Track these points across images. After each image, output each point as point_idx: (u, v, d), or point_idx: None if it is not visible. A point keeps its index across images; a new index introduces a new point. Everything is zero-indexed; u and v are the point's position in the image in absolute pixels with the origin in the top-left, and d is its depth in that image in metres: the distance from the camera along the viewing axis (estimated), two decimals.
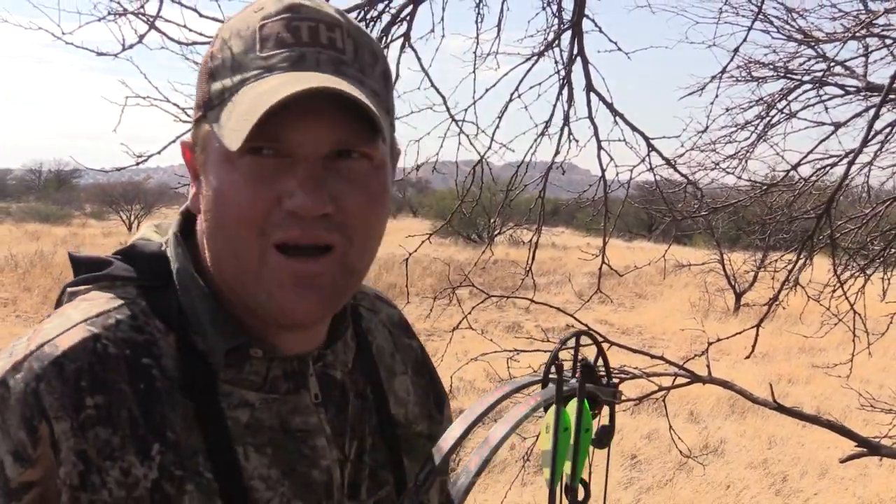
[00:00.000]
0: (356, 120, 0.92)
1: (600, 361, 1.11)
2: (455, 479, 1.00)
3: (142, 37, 2.97)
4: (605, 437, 1.08)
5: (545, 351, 3.95)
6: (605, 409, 1.11)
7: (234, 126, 0.89)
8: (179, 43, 3.01)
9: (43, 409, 0.88)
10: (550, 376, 1.05)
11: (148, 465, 0.91)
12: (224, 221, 0.94)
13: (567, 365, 1.09)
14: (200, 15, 3.01)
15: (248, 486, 0.96)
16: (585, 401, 1.05)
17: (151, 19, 2.95)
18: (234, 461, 0.96)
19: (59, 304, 1.03)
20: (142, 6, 2.99)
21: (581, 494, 1.06)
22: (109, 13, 2.97)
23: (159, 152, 3.09)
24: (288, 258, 0.93)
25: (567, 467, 1.04)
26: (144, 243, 1.05)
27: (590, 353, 1.12)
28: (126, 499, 0.90)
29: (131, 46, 2.98)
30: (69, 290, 1.02)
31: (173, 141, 2.98)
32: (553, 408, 1.02)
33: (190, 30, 2.99)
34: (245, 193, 0.91)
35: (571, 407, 1.04)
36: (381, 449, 1.11)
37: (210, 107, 0.95)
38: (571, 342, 1.09)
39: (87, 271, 1.02)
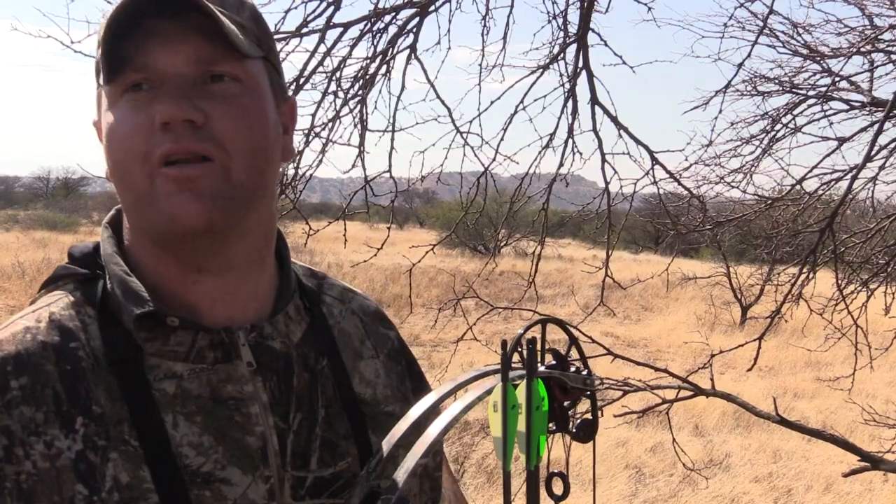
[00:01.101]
0: (220, 43, 0.99)
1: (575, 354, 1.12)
2: (403, 461, 1.01)
3: None
4: (587, 431, 1.08)
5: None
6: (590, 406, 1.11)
7: (101, 63, 0.98)
8: None
9: None
10: (514, 364, 1.04)
11: (72, 437, 0.96)
12: (117, 158, 1.01)
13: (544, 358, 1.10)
14: None
15: (178, 453, 0.99)
16: (540, 381, 1.04)
17: None
18: (160, 429, 0.99)
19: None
20: None
21: (560, 489, 1.06)
22: None
23: None
24: (167, 167, 0.98)
25: (518, 449, 1.03)
26: (81, 244, 1.13)
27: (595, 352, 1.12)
28: (50, 468, 0.95)
29: None
30: (36, 296, 1.11)
31: None
32: (499, 385, 1.02)
33: None
34: (126, 125, 0.99)
35: (522, 386, 1.03)
36: (342, 422, 1.13)
37: (97, 71, 1.03)
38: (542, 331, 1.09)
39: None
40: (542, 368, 1.08)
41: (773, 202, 5.05)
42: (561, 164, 3.79)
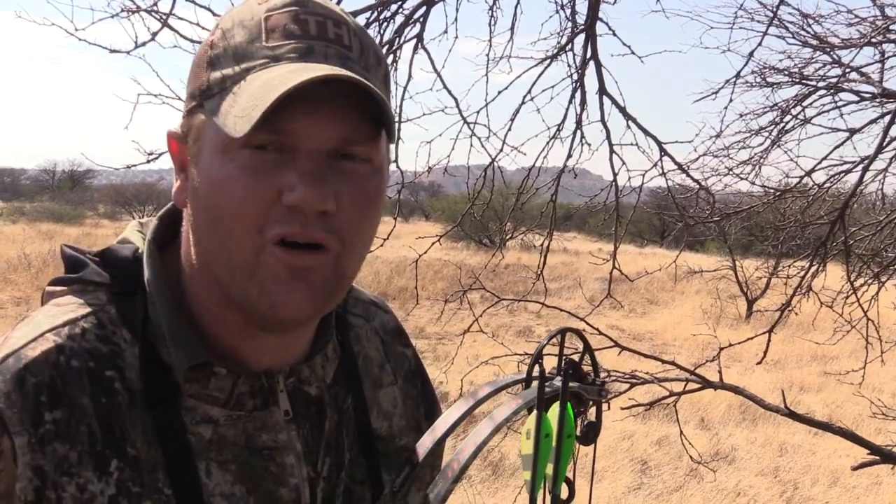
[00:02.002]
0: (363, 116, 0.90)
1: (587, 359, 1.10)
2: (433, 485, 0.98)
3: (154, 34, 2.96)
4: (590, 434, 1.06)
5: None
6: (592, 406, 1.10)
7: (241, 112, 0.86)
8: (192, 41, 3.01)
9: (4, 424, 0.87)
10: (534, 375, 1.03)
11: (105, 480, 0.90)
12: (218, 214, 0.90)
13: (553, 362, 1.08)
14: (213, 13, 3.01)
15: (209, 503, 0.95)
16: (569, 404, 1.02)
17: (164, 17, 2.95)
18: (194, 477, 0.94)
19: (43, 302, 1.02)
20: (155, 3, 2.98)
21: (565, 493, 1.04)
22: (122, 10, 2.97)
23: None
24: (283, 250, 0.90)
25: (549, 469, 1.02)
26: (119, 247, 1.03)
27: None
28: None
29: (144, 44, 2.97)
30: (47, 289, 1.01)
31: None
32: (534, 413, 1.00)
33: (203, 28, 2.99)
34: (242, 186, 0.88)
35: (554, 411, 1.02)
36: (360, 464, 1.09)
37: (208, 95, 0.92)
38: (557, 339, 1.08)
39: (72, 269, 1.01)
40: (558, 382, 1.06)
41: (782, 194, 5.02)
42: (569, 156, 3.76)
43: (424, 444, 1.02)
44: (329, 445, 1.06)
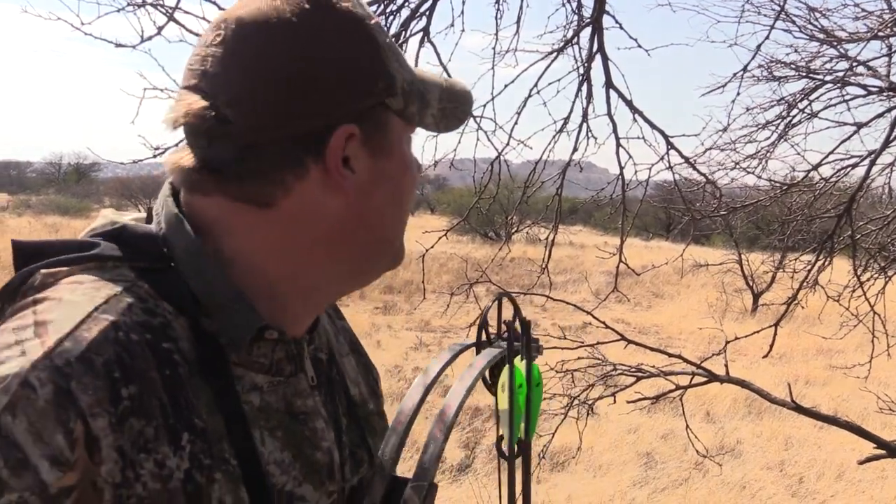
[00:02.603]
0: None
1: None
2: (424, 449, 1.00)
3: (160, 28, 2.96)
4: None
5: (561, 348, 3.96)
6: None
7: (438, 114, 1.06)
8: (198, 35, 3.01)
9: (79, 409, 0.82)
10: (485, 341, 1.17)
11: (179, 455, 0.88)
12: (406, 190, 1.06)
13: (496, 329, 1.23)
14: (219, 7, 3.00)
15: (266, 471, 0.95)
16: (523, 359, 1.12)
17: (170, 11, 2.95)
18: (252, 446, 0.95)
19: (19, 287, 0.95)
20: None
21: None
22: (128, 4, 2.97)
23: (176, 145, 3.09)
24: None
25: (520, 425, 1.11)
26: (135, 224, 1.01)
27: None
28: (161, 491, 0.86)
29: (150, 38, 2.97)
30: (44, 271, 0.94)
31: None
32: (506, 368, 1.10)
33: (209, 22, 2.99)
34: (414, 163, 1.07)
35: (521, 365, 1.12)
36: (353, 428, 1.13)
37: (392, 94, 1.00)
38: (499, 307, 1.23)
39: (52, 255, 0.96)
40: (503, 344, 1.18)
41: (788, 188, 5.02)
42: (575, 149, 3.77)
43: (405, 413, 1.05)
44: (331, 412, 1.10)
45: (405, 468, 0.97)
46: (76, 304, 0.90)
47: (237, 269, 0.98)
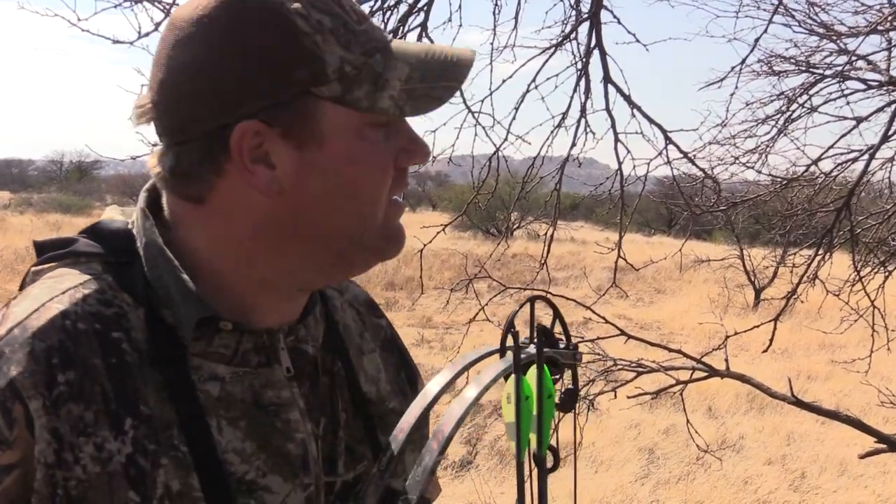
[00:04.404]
0: None
1: (558, 327, 1.10)
2: (420, 459, 0.99)
3: (158, 24, 2.97)
4: (569, 401, 1.07)
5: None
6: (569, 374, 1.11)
7: (400, 96, 0.98)
8: None
9: (15, 390, 0.87)
10: (508, 345, 1.04)
11: (121, 439, 0.91)
12: (358, 189, 0.99)
13: (526, 333, 1.09)
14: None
15: (223, 460, 0.96)
16: (546, 366, 1.04)
17: (167, 7, 2.95)
18: (207, 434, 0.96)
19: (23, 286, 1.03)
20: None
21: (550, 462, 1.04)
22: (126, 0, 2.97)
23: None
24: (394, 204, 1.04)
25: (532, 436, 1.04)
26: (109, 221, 1.06)
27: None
28: (101, 474, 0.89)
29: (147, 34, 2.98)
30: (33, 269, 1.02)
31: None
32: (513, 377, 1.02)
33: None
34: (381, 159, 1.00)
35: (531, 374, 1.04)
36: (357, 424, 1.13)
37: (323, 82, 0.96)
38: (528, 308, 1.09)
39: (49, 252, 1.03)
40: (533, 349, 1.08)
41: (788, 183, 5.01)
42: (573, 144, 3.76)
43: (408, 422, 1.02)
44: (324, 404, 1.09)
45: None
46: (37, 297, 0.95)
47: (191, 262, 1.01)
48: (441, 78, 1.01)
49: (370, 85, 0.97)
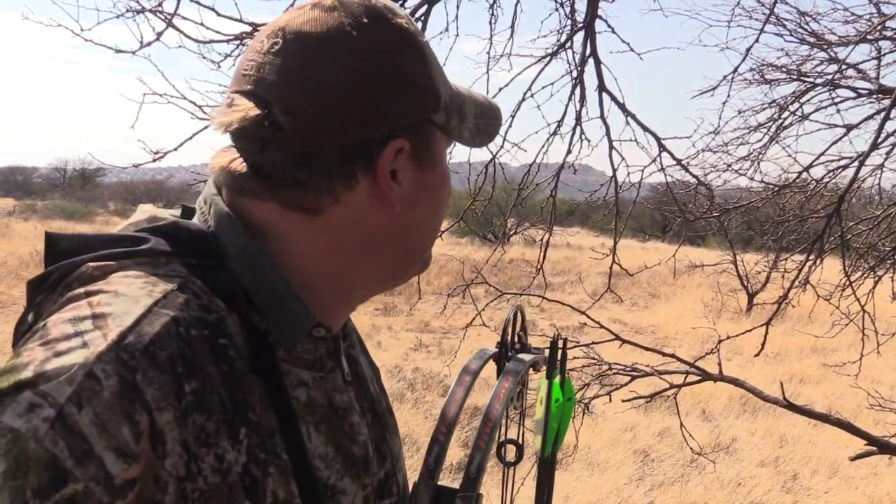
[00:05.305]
0: None
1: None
2: (471, 459, 1.03)
3: (159, 34, 3.00)
4: (518, 454, 1.22)
5: (559, 349, 4.00)
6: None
7: (475, 129, 1.10)
8: (197, 41, 3.06)
9: (145, 402, 0.83)
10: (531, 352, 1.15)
11: (238, 449, 0.89)
12: (444, 201, 1.09)
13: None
14: (218, 14, 3.05)
15: (312, 465, 0.97)
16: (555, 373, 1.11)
17: (169, 17, 2.99)
18: (301, 440, 0.96)
19: (61, 279, 0.94)
20: (159, 4, 3.02)
21: (513, 457, 1.13)
22: (127, 10, 3.02)
23: (176, 149, 3.12)
24: None
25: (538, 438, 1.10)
26: (186, 221, 1.02)
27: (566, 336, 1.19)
28: (221, 484, 0.88)
29: (149, 44, 3.01)
30: (93, 265, 0.94)
31: (190, 138, 3.03)
32: (545, 382, 1.09)
33: (207, 28, 3.04)
34: (449, 175, 1.09)
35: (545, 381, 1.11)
36: (376, 425, 1.15)
37: (436, 109, 1.03)
38: (518, 318, 1.23)
39: (99, 250, 0.96)
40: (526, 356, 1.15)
41: (780, 189, 5.08)
42: (569, 151, 3.82)
43: (445, 423, 1.09)
44: (363, 406, 1.12)
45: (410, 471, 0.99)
46: (134, 299, 0.89)
47: (284, 270, 1.00)
48: (489, 116, 1.12)
49: (458, 116, 1.06)
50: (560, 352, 1.13)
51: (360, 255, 1.03)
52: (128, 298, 0.90)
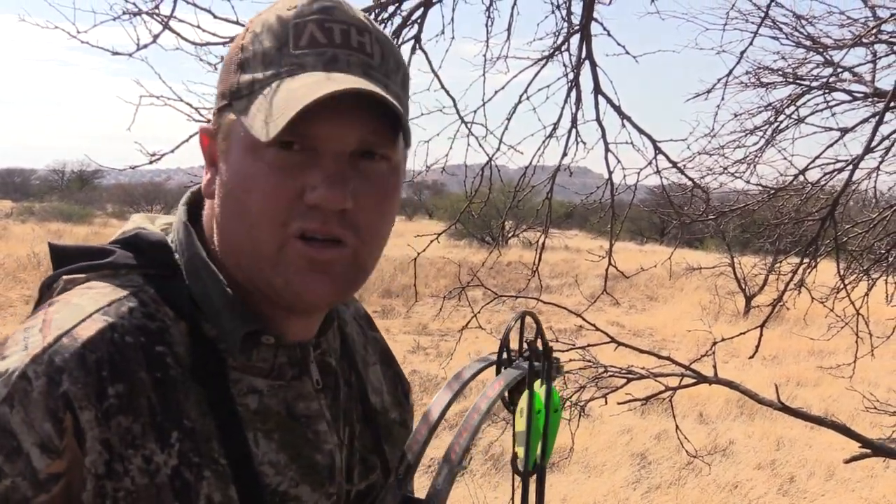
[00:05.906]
0: (380, 120, 0.97)
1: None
2: (439, 471, 1.01)
3: (156, 37, 3.01)
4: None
5: (556, 350, 4.00)
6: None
7: (267, 118, 0.93)
8: (193, 44, 3.06)
9: (68, 400, 0.88)
10: (514, 359, 1.12)
11: (168, 452, 0.93)
12: (246, 208, 0.96)
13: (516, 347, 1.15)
14: (214, 16, 3.06)
15: (258, 472, 0.99)
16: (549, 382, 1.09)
17: (165, 19, 3.00)
18: (245, 447, 0.98)
19: (45, 292, 1.03)
20: (156, 6, 3.03)
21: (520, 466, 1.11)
22: (124, 13, 3.02)
23: (172, 151, 3.14)
24: (305, 244, 0.96)
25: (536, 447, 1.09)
26: (147, 232, 1.06)
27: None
28: (149, 486, 0.91)
29: (146, 46, 3.01)
30: (66, 278, 1.01)
31: (186, 140, 3.04)
32: (526, 393, 1.07)
33: (203, 30, 3.04)
34: (270, 183, 0.95)
35: (536, 389, 1.09)
36: (367, 435, 1.16)
37: (237, 97, 0.98)
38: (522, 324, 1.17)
39: (78, 261, 1.03)
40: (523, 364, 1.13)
41: (776, 192, 5.08)
42: (564, 154, 3.82)
43: (421, 433, 1.06)
44: (345, 415, 1.12)
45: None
46: (80, 307, 0.96)
47: (226, 276, 1.02)
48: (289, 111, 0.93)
49: (259, 104, 0.96)
50: (546, 361, 1.11)
51: (221, 252, 1.05)
52: (76, 307, 0.96)
